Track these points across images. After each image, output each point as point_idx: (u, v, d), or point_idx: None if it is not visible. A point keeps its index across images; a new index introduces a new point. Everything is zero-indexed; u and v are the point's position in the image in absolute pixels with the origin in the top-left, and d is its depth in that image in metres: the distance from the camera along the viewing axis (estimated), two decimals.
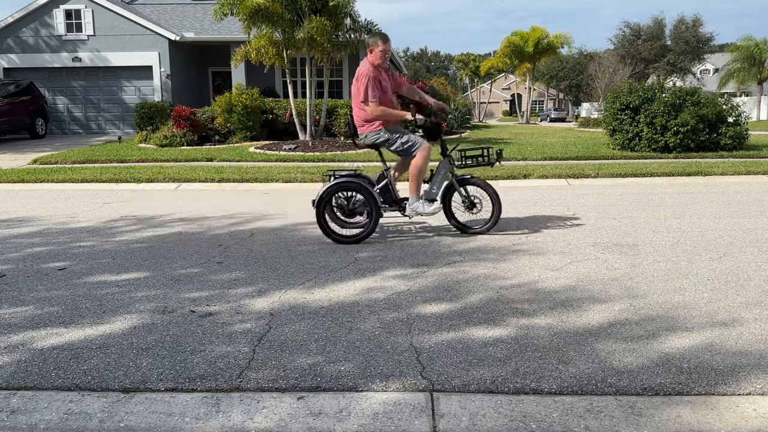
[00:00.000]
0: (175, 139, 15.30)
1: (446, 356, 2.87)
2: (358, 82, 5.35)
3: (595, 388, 2.56)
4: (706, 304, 3.58)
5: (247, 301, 3.71)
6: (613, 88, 19.15)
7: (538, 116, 55.90)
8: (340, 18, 14.55)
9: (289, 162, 12.04)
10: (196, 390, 2.57)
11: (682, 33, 42.07)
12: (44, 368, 2.78)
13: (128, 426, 2.31)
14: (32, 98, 18.78)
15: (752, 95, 42.02)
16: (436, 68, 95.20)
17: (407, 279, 4.15)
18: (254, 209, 7.11)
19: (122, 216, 6.75)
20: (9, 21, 21.07)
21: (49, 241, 5.48)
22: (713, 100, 13.55)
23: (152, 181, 9.59)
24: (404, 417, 2.35)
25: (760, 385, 2.57)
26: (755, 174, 9.77)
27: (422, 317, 3.40)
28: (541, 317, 3.38)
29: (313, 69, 15.48)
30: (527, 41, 37.37)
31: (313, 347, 3.00)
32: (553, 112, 50.54)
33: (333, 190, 5.30)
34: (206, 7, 21.87)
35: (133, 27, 21.09)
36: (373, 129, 5.41)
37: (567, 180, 9.46)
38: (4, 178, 9.75)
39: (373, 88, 5.28)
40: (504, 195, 8.21)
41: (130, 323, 3.34)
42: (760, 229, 5.66)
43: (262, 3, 13.50)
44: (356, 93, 5.39)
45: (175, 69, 21.65)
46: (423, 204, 5.40)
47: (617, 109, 13.67)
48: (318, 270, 4.40)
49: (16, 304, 3.68)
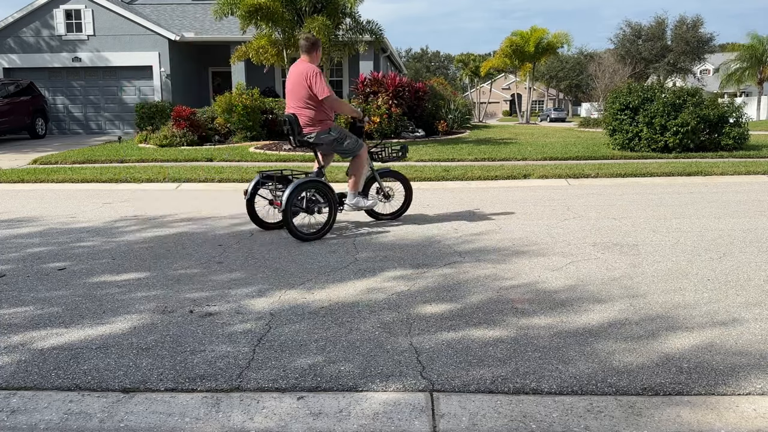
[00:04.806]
0: (175, 139, 15.30)
1: (446, 356, 2.87)
2: (310, 80, 5.43)
3: (595, 388, 2.56)
4: (706, 304, 3.58)
5: (247, 301, 3.71)
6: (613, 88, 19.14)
7: (538, 116, 55.87)
8: (341, 18, 14.55)
9: (289, 162, 12.03)
10: (196, 390, 2.57)
11: (682, 33, 42.06)
12: (44, 368, 2.78)
13: (128, 426, 2.31)
14: (32, 98, 18.77)
15: (752, 95, 42.02)
16: (436, 68, 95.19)
17: (407, 279, 4.15)
18: None
19: (122, 216, 6.75)
20: (9, 21, 21.07)
21: (49, 241, 5.48)
22: (714, 101, 13.56)
23: (152, 181, 9.59)
24: (404, 417, 2.35)
25: (760, 385, 2.57)
26: (755, 174, 9.77)
27: (422, 317, 3.40)
28: (541, 317, 3.38)
29: None
30: (528, 41, 37.35)
31: (313, 347, 3.00)
32: (553, 112, 50.48)
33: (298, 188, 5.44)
34: (206, 7, 21.88)
35: (133, 27, 21.09)
36: (324, 128, 5.59)
37: (567, 180, 9.47)
38: (4, 178, 9.76)
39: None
40: (504, 195, 8.24)
41: (130, 323, 3.34)
42: (760, 229, 5.66)
43: (262, 2, 13.48)
44: (304, 91, 5.48)
45: (175, 69, 21.65)
46: (362, 199, 5.86)
47: (617, 109, 13.68)
48: (318, 270, 4.40)
49: (16, 304, 3.68)
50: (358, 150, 5.74)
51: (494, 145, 15.68)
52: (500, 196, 7.99)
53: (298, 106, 5.54)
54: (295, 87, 5.52)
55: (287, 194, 5.28)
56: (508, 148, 14.40)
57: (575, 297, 3.73)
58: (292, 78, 5.57)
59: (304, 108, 5.52)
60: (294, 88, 5.54)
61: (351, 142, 5.71)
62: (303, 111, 5.53)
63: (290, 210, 5.29)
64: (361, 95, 17.26)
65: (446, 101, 21.58)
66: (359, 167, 5.78)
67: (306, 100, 5.49)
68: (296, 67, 5.60)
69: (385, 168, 6.27)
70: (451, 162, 11.44)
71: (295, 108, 5.56)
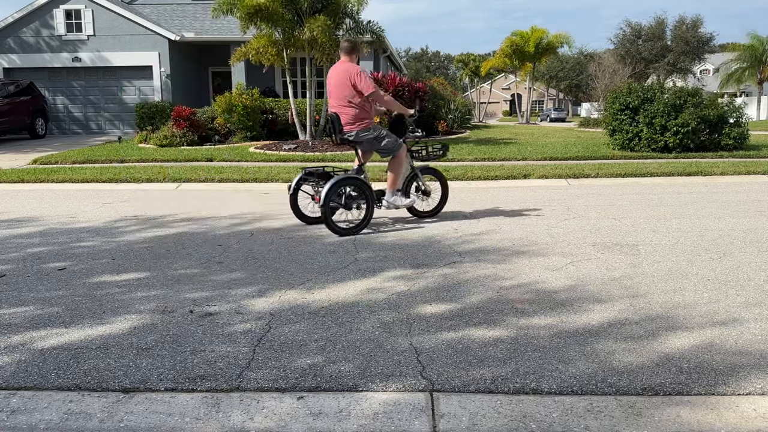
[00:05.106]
0: (175, 139, 15.30)
1: (446, 356, 2.87)
2: (354, 78, 5.65)
3: (595, 388, 2.56)
4: (706, 304, 3.58)
5: (247, 301, 3.71)
6: (613, 89, 19.15)
7: (538, 116, 55.87)
8: (341, 17, 14.55)
9: (289, 162, 12.04)
10: (196, 390, 2.57)
11: (682, 33, 42.07)
12: (44, 368, 2.78)
13: (128, 426, 2.31)
14: (32, 98, 18.77)
15: (752, 95, 42.01)
16: (436, 68, 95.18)
17: (407, 279, 4.15)
18: (254, 209, 7.11)
19: (122, 216, 6.75)
20: (9, 21, 21.06)
21: (49, 241, 5.48)
22: (714, 101, 13.56)
23: (152, 181, 9.59)
24: (404, 417, 2.35)
25: (760, 385, 2.57)
26: (755, 174, 9.78)
27: (422, 317, 3.40)
28: (541, 317, 3.38)
29: (313, 69, 15.48)
30: (528, 41, 37.34)
31: (313, 347, 3.00)
32: (553, 112, 50.47)
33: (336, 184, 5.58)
34: (206, 7, 21.85)
35: (133, 27, 21.08)
36: (364, 126, 5.74)
37: (567, 180, 9.47)
38: (4, 178, 9.76)
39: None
40: (504, 195, 8.24)
41: (130, 323, 3.34)
42: (760, 229, 5.66)
43: (263, 3, 13.48)
44: (348, 90, 5.63)
45: (175, 69, 21.65)
46: (399, 197, 5.95)
47: (617, 110, 13.68)
48: (318, 270, 4.40)
49: (16, 304, 3.68)
50: (397, 150, 5.88)
51: (494, 145, 15.68)
52: (500, 196, 7.99)
53: (340, 104, 5.73)
54: (338, 86, 5.70)
55: (326, 190, 5.44)
56: (508, 148, 14.40)
57: (575, 297, 3.73)
58: (335, 78, 5.75)
59: (346, 107, 5.70)
60: (337, 87, 5.72)
61: (390, 142, 5.84)
62: (345, 110, 5.71)
63: (328, 205, 5.46)
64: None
65: (446, 101, 21.59)
66: (398, 166, 5.91)
67: (348, 99, 5.67)
68: (338, 68, 5.80)
69: (424, 165, 6.39)
70: (451, 162, 11.43)
71: (337, 107, 5.75)
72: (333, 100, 5.79)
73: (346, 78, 5.64)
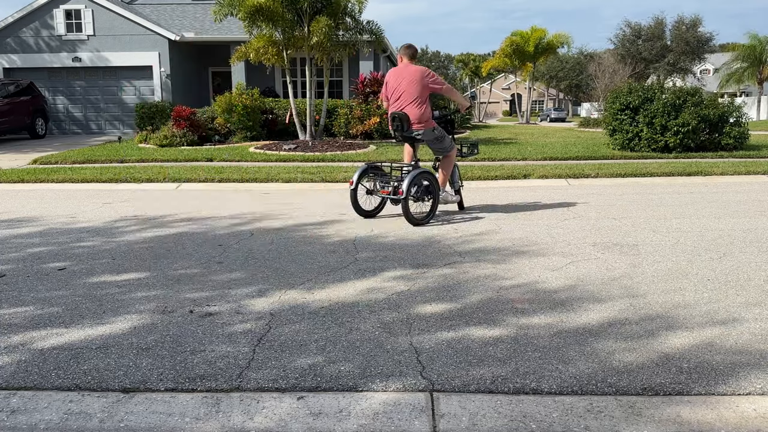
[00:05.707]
0: (175, 139, 15.30)
1: (446, 356, 2.87)
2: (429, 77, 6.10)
3: (595, 388, 2.56)
4: (706, 304, 3.58)
5: (247, 301, 3.71)
6: (613, 88, 19.15)
7: (538, 116, 55.85)
8: (342, 18, 14.55)
9: (289, 162, 12.04)
10: (196, 390, 2.57)
11: (682, 33, 42.06)
12: (44, 368, 2.78)
13: (128, 426, 2.31)
14: (32, 98, 18.77)
15: (752, 95, 42.00)
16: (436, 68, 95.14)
17: (407, 279, 4.15)
18: (254, 209, 7.11)
19: (122, 216, 6.75)
20: (9, 21, 21.06)
21: (49, 241, 5.48)
22: (714, 101, 13.56)
23: (152, 181, 9.59)
24: (404, 417, 2.35)
25: (760, 384, 2.57)
26: (755, 174, 9.78)
27: (422, 317, 3.40)
28: (541, 317, 3.38)
29: (313, 69, 15.48)
30: (528, 41, 37.35)
31: (313, 347, 3.00)
32: (553, 112, 50.46)
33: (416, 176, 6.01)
34: (206, 7, 21.87)
35: (133, 27, 21.08)
36: (430, 126, 6.20)
37: (567, 180, 9.47)
38: (4, 178, 9.76)
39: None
40: (504, 195, 8.24)
41: (130, 323, 3.34)
42: (760, 229, 5.66)
43: (263, 3, 13.48)
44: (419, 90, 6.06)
45: (175, 69, 21.65)
46: (450, 194, 6.46)
47: (617, 110, 13.68)
48: (318, 270, 4.40)
49: (16, 304, 3.68)
50: (451, 149, 6.38)
51: (494, 145, 15.68)
52: (500, 196, 7.99)
53: (410, 103, 6.10)
54: (410, 86, 6.09)
55: (407, 183, 5.82)
56: (507, 148, 14.41)
57: (575, 297, 3.73)
58: (406, 78, 6.13)
59: (415, 106, 6.09)
60: (408, 87, 6.10)
61: (448, 140, 6.36)
62: (414, 109, 6.09)
63: (409, 197, 5.84)
64: (361, 95, 17.25)
65: (446, 101, 21.56)
66: (450, 164, 6.38)
67: (418, 98, 6.09)
68: (406, 69, 6.22)
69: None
70: None
71: (408, 106, 6.11)
72: (400, 100, 6.14)
73: (419, 77, 6.08)
